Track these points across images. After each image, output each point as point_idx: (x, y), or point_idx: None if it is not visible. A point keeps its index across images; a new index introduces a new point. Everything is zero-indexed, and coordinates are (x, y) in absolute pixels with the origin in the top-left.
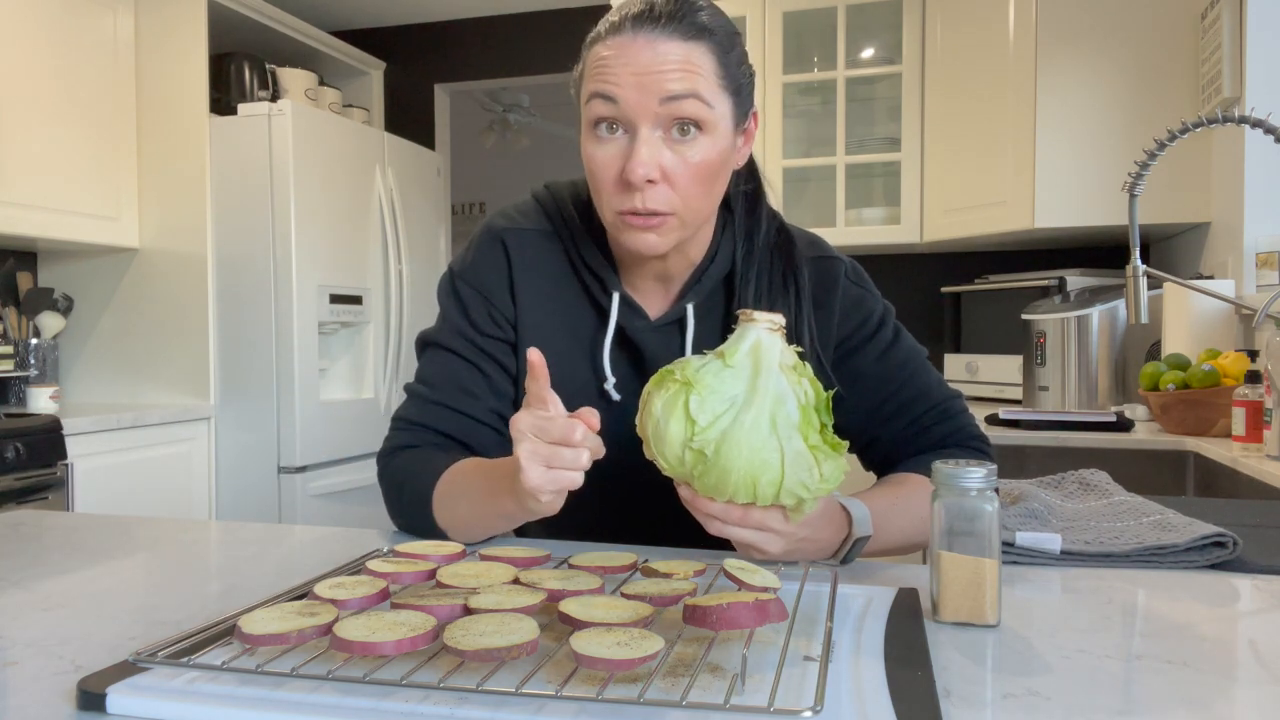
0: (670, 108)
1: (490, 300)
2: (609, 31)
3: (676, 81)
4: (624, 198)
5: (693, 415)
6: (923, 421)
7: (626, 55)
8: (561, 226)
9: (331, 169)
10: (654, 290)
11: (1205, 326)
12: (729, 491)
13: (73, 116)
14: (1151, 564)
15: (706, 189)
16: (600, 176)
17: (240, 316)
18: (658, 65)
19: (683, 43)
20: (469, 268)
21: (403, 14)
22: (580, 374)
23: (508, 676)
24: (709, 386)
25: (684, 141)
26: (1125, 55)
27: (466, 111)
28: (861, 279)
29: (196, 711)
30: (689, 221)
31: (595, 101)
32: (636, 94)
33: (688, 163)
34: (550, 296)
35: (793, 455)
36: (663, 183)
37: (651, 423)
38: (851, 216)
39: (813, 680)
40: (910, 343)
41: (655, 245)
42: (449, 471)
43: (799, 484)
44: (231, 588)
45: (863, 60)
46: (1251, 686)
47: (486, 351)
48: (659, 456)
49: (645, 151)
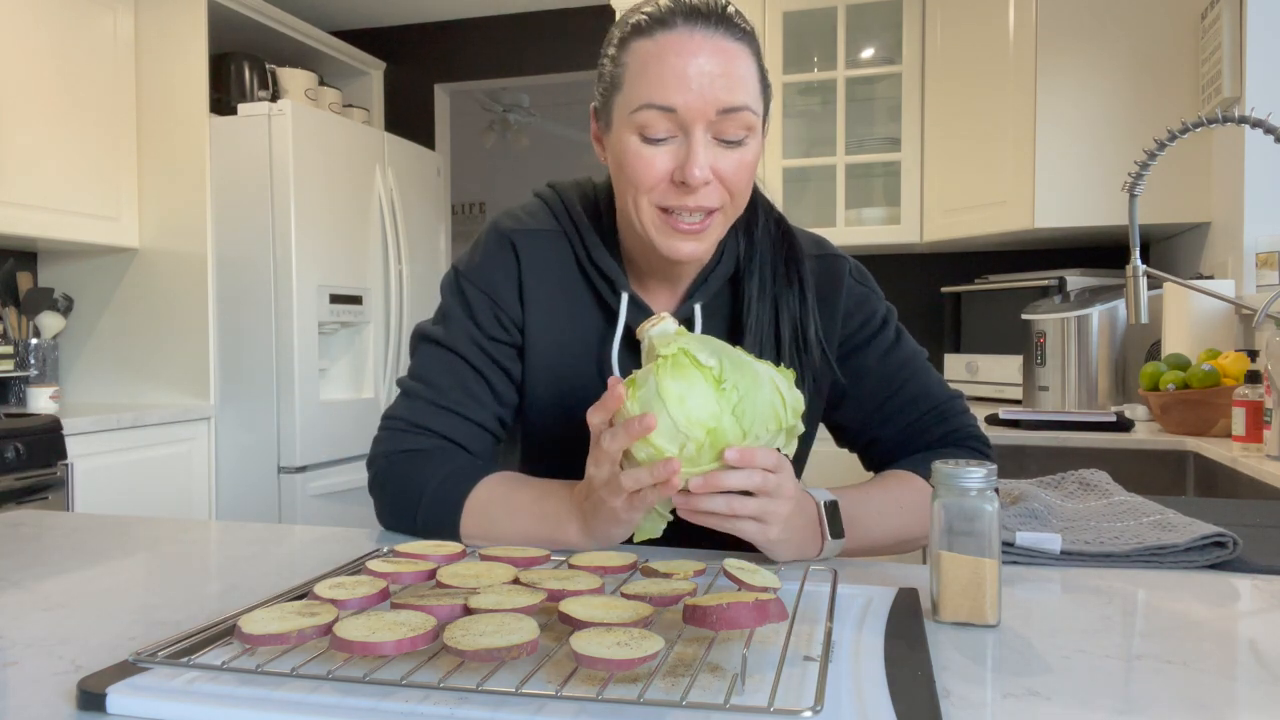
0: (727, 118)
1: (498, 303)
2: (654, 25)
3: (732, 93)
4: (671, 194)
5: (706, 365)
6: (923, 422)
7: (681, 58)
8: (570, 227)
9: (331, 169)
10: (661, 290)
11: (1205, 326)
12: (765, 419)
13: (73, 116)
14: (1151, 564)
15: (749, 187)
16: (645, 176)
17: (240, 316)
18: (715, 70)
19: (732, 43)
20: (476, 268)
21: (403, 14)
22: (587, 374)
23: (508, 676)
24: (694, 347)
25: (734, 145)
26: (1125, 55)
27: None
28: (865, 278)
29: (196, 711)
30: (730, 218)
31: (648, 112)
32: (696, 101)
33: (740, 163)
34: (558, 297)
35: (777, 375)
36: (715, 182)
37: (671, 402)
38: (851, 216)
39: (813, 680)
40: (912, 344)
41: (695, 253)
42: (485, 486)
43: (796, 399)
44: (231, 588)
45: (863, 60)
46: (1251, 686)
47: (491, 355)
48: (681, 439)
49: (703, 155)
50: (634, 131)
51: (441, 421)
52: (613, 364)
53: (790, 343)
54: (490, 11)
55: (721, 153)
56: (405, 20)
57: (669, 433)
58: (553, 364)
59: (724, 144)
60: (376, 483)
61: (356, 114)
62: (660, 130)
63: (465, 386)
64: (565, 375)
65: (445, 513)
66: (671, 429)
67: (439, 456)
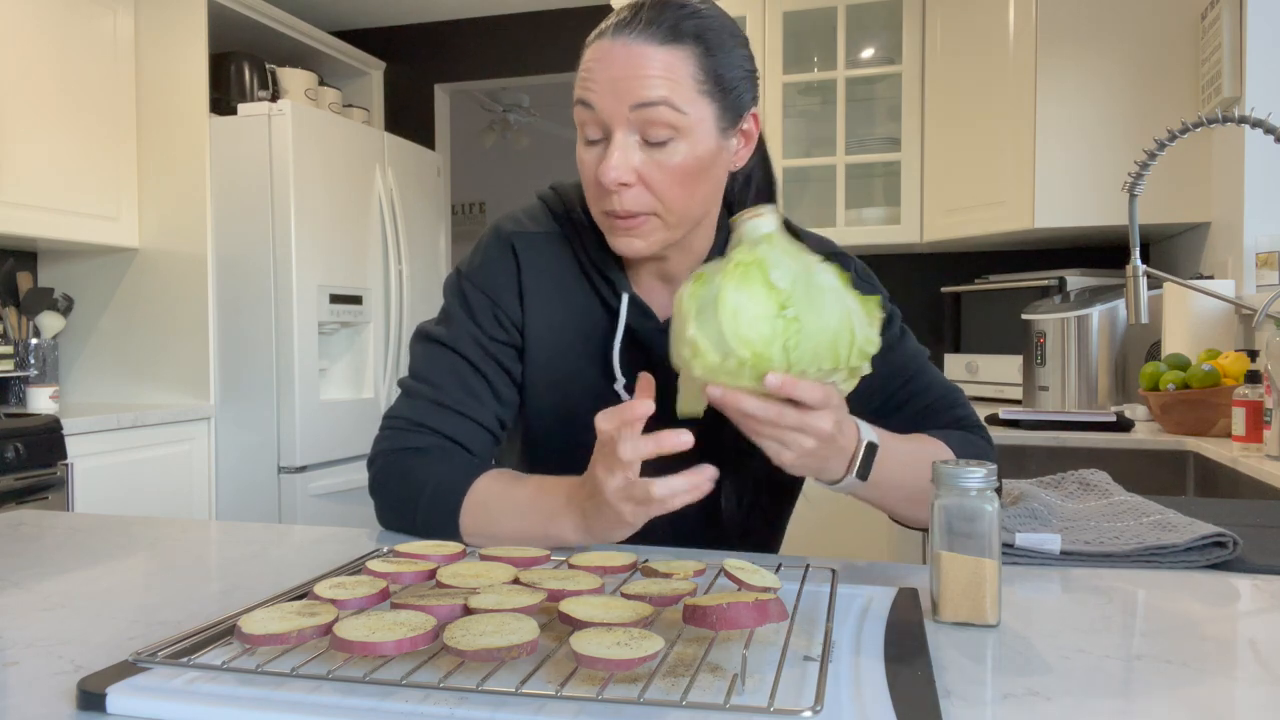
0: (642, 114)
1: (498, 304)
2: (594, 38)
3: (649, 89)
4: (604, 199)
5: (775, 285)
6: (929, 410)
7: (604, 62)
8: (570, 228)
9: (331, 169)
10: (659, 289)
11: (1205, 326)
12: (819, 357)
13: (73, 116)
14: (1152, 564)
15: (687, 191)
16: (585, 178)
17: (240, 316)
18: (630, 71)
19: (659, 47)
20: (478, 270)
21: (403, 14)
22: (590, 375)
23: (508, 676)
24: (773, 261)
25: (658, 147)
26: (1125, 55)
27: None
28: (870, 277)
29: (196, 711)
30: (672, 223)
31: (577, 108)
32: (610, 100)
33: (663, 166)
34: (559, 299)
35: (857, 311)
36: (639, 185)
37: (725, 313)
38: (851, 216)
39: (813, 680)
40: (914, 343)
41: (638, 249)
42: (484, 482)
43: (866, 339)
44: (231, 588)
45: (863, 60)
46: (1251, 686)
47: (492, 355)
48: (725, 351)
49: (616, 156)
50: (580, 133)
51: (442, 420)
52: (615, 365)
53: None
54: (490, 11)
55: (646, 156)
56: (405, 20)
57: (714, 340)
58: (554, 365)
59: (649, 146)
60: (377, 482)
61: (356, 114)
62: (589, 129)
63: (466, 385)
64: (567, 376)
65: (445, 511)
66: (718, 338)
67: (438, 455)
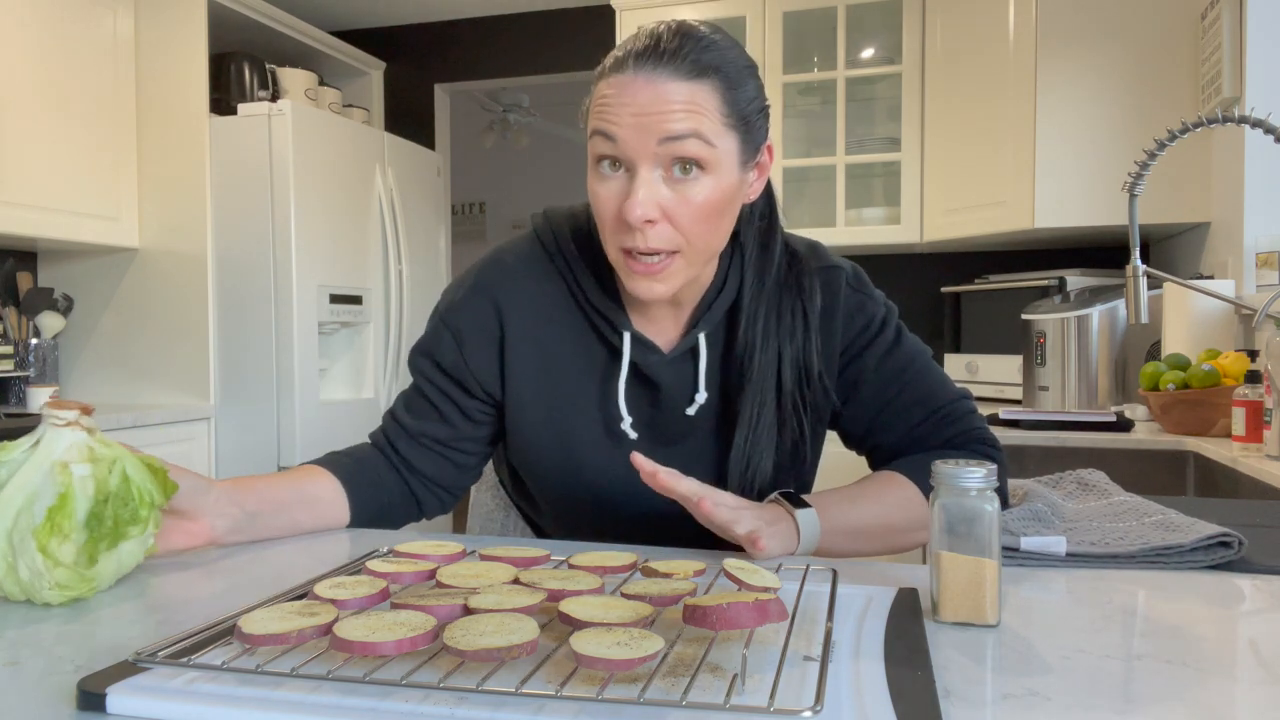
0: (670, 148)
1: (463, 354)
2: (613, 68)
3: (677, 122)
4: (625, 235)
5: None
6: (925, 426)
7: (627, 95)
8: (564, 266)
9: (331, 169)
10: (664, 320)
11: (1205, 326)
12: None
13: (73, 116)
14: (1157, 564)
15: (712, 226)
16: (603, 213)
17: (240, 316)
18: (658, 105)
19: (685, 82)
20: (456, 312)
21: (403, 14)
22: (593, 415)
23: (508, 676)
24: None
25: (685, 181)
26: (1125, 55)
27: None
28: (862, 284)
29: (196, 711)
30: (694, 260)
31: (596, 139)
32: (636, 134)
33: (689, 202)
34: (555, 339)
35: (26, 558)
36: (664, 221)
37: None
38: (851, 216)
39: (813, 680)
40: (913, 344)
41: (660, 293)
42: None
43: (31, 587)
44: (231, 588)
45: (863, 60)
46: (1251, 686)
47: (444, 392)
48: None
49: (644, 192)
50: (593, 165)
51: (391, 437)
52: (620, 404)
53: (792, 379)
54: (490, 11)
55: (671, 191)
56: (405, 20)
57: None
58: (552, 404)
59: (674, 181)
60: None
61: (356, 114)
62: (607, 163)
63: (415, 411)
64: (566, 415)
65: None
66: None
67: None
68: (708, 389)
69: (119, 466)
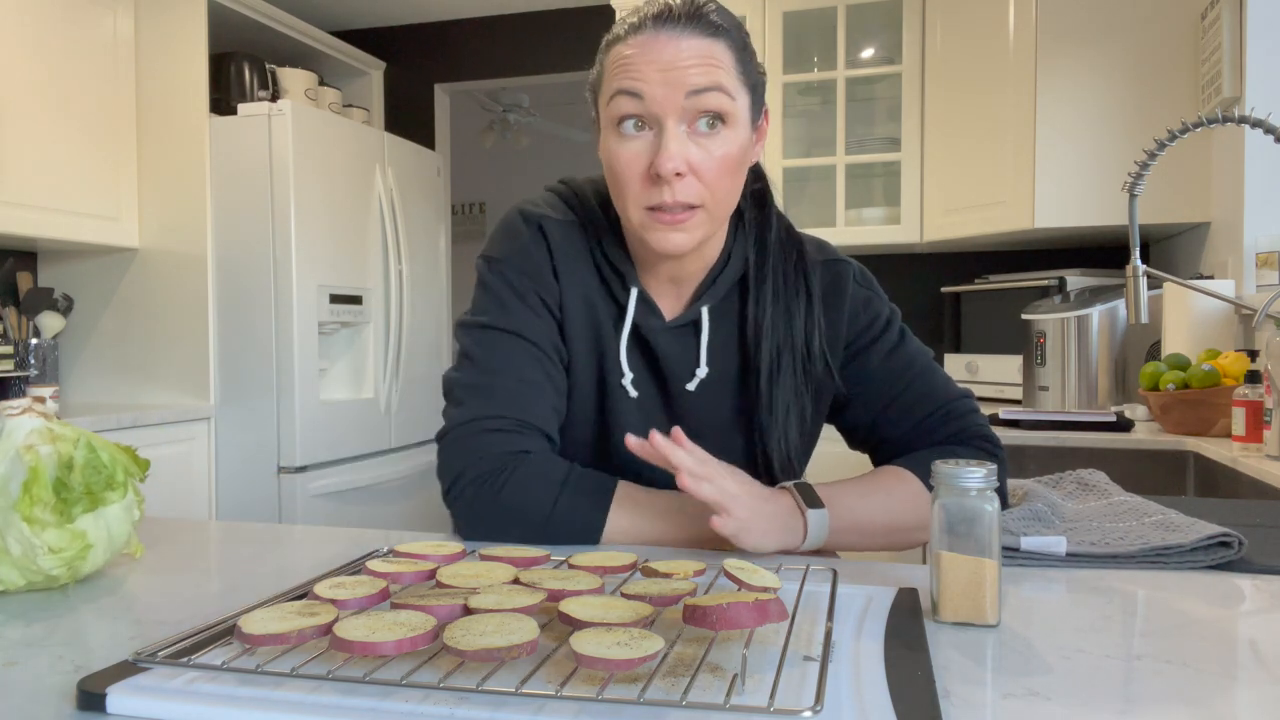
0: (696, 101)
1: (541, 287)
2: (629, 31)
3: (701, 75)
4: (652, 192)
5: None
6: (929, 422)
7: (650, 52)
8: (585, 219)
9: (331, 169)
10: (668, 292)
11: (1205, 326)
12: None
13: (73, 116)
14: (1157, 565)
15: (732, 182)
16: (625, 174)
17: (240, 316)
18: (682, 60)
19: (705, 39)
20: (515, 255)
21: (403, 14)
22: (595, 368)
23: (508, 676)
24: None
25: (709, 135)
26: (1125, 55)
27: (466, 111)
28: (869, 282)
29: (196, 711)
30: (715, 215)
31: (620, 98)
32: (662, 89)
33: (713, 155)
34: (579, 286)
35: (14, 533)
36: (690, 175)
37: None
38: (851, 216)
39: (813, 680)
40: (916, 345)
41: (682, 244)
42: (623, 488)
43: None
44: (231, 588)
45: (863, 60)
46: (1251, 686)
47: (551, 340)
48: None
49: (674, 145)
50: (613, 128)
51: (522, 408)
52: (622, 360)
53: (797, 352)
54: (490, 11)
55: (696, 146)
56: (405, 20)
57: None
58: (575, 349)
59: (699, 135)
60: (489, 489)
61: (356, 114)
62: (630, 122)
63: (545, 371)
64: (576, 366)
65: (584, 513)
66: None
67: (542, 460)
68: (710, 365)
69: (84, 441)
